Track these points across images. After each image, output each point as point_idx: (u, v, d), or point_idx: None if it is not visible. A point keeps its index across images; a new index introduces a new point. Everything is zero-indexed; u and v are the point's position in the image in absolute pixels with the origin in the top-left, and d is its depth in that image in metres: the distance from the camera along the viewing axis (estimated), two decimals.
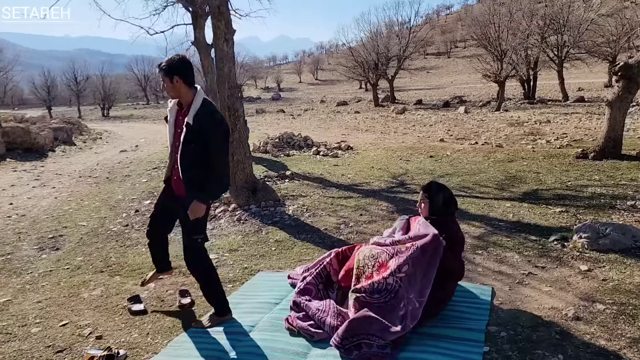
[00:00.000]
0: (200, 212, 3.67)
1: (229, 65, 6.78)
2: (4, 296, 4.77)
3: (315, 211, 6.78)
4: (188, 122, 3.55)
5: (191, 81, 3.58)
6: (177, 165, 3.73)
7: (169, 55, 4.92)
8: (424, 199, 3.93)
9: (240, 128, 7.00)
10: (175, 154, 3.74)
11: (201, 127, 3.51)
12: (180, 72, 3.53)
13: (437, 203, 3.84)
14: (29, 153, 15.02)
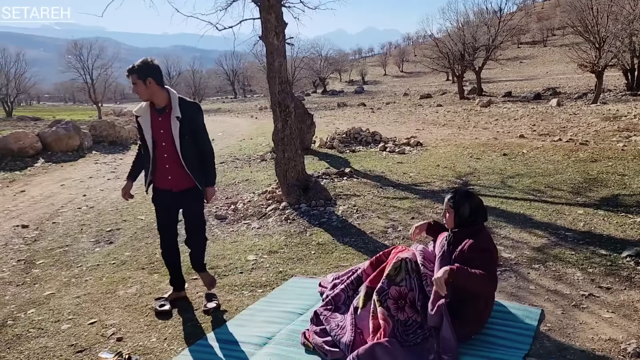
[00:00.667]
0: (214, 195, 4.23)
1: (280, 60, 6.60)
2: (49, 289, 4.92)
3: (365, 212, 6.45)
4: (177, 116, 3.79)
5: (162, 82, 3.80)
6: (169, 165, 3.95)
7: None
8: (448, 208, 3.50)
9: (292, 124, 6.80)
10: (164, 155, 3.93)
11: (187, 114, 3.81)
12: (154, 74, 3.72)
13: (463, 214, 3.42)
14: (113, 146, 15.87)
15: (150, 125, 3.87)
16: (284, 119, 6.75)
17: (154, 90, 3.74)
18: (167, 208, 4.15)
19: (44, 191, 9.79)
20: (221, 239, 6.07)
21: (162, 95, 3.79)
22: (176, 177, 3.98)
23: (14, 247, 6.47)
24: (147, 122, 3.88)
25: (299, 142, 7.00)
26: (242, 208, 7.29)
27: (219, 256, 5.42)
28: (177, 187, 4.02)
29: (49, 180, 10.85)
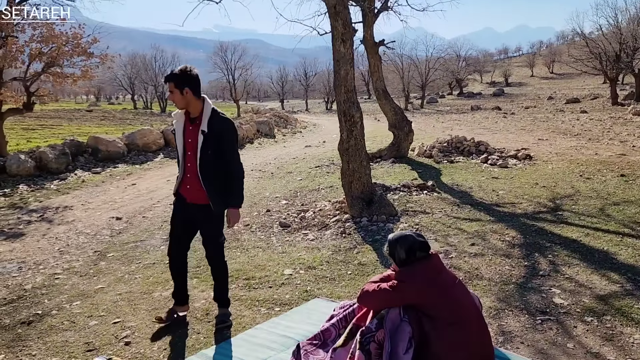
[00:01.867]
0: (238, 219, 4.02)
1: (346, 68, 6.38)
2: (102, 283, 5.29)
3: (424, 233, 5.98)
4: (203, 130, 3.72)
5: (199, 92, 3.74)
6: (190, 175, 3.89)
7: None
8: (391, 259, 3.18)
9: (357, 135, 6.55)
10: (188, 164, 3.88)
11: (215, 130, 3.69)
12: (191, 84, 3.68)
13: (401, 258, 3.10)
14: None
15: (183, 132, 3.89)
16: (349, 129, 6.52)
17: (190, 99, 3.70)
18: (181, 216, 4.10)
19: (150, 185, 10.63)
20: (273, 248, 6.05)
21: (198, 106, 3.74)
22: (193, 189, 3.95)
23: (100, 237, 7.08)
24: (180, 128, 3.90)
25: (365, 153, 6.71)
26: (310, 217, 7.21)
27: (260, 267, 5.39)
28: (191, 198, 3.99)
29: (159, 175, 11.77)
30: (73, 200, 9.45)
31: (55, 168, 11.49)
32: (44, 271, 5.77)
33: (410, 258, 3.10)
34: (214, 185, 3.84)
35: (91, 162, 12.73)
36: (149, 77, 49.07)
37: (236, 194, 3.94)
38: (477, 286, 4.43)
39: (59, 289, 5.19)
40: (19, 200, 9.52)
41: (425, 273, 3.04)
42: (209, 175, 3.83)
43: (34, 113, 34.34)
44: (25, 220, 8.11)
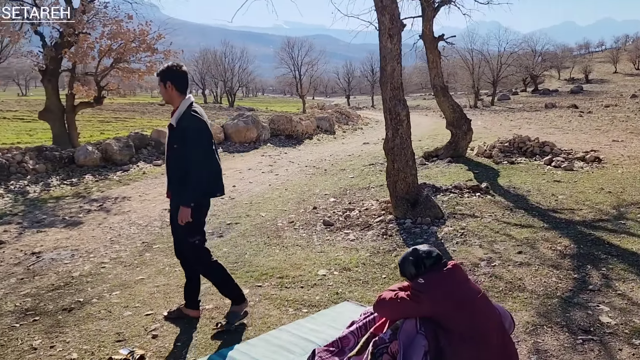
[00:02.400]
0: (185, 217, 3.75)
1: (393, 65, 6.18)
2: (143, 274, 5.43)
3: (469, 238, 5.70)
4: (171, 123, 3.77)
5: (182, 89, 3.80)
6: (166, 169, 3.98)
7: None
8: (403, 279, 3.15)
9: (403, 134, 6.34)
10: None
11: (182, 126, 3.69)
12: (173, 79, 3.75)
13: (411, 273, 3.00)
14: (289, 139, 16.90)
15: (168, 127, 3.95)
16: (394, 127, 6.33)
17: (172, 94, 3.76)
18: (171, 214, 4.09)
19: None
20: (312, 246, 5.98)
21: (177, 102, 3.78)
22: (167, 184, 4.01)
23: (150, 229, 7.30)
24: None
25: (411, 153, 6.49)
26: (355, 216, 7.08)
27: (295, 265, 5.33)
28: (167, 193, 4.04)
29: None
30: (132, 191, 9.83)
31: (119, 159, 12.01)
32: (93, 259, 6.01)
33: (420, 269, 2.97)
34: (174, 180, 3.87)
35: (153, 155, 13.21)
36: (218, 72, 50.48)
37: (188, 191, 3.70)
38: (517, 299, 4.15)
39: (103, 277, 5.38)
40: (83, 189, 10.03)
41: (442, 284, 2.86)
42: (171, 170, 3.88)
43: (110, 106, 36.32)
44: (85, 209, 8.52)
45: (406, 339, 2.82)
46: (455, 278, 2.91)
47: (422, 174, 9.89)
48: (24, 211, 8.41)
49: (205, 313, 4.31)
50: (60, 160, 11.35)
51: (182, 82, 3.80)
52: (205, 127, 3.78)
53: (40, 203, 8.94)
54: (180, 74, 3.78)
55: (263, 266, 5.40)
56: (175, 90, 3.75)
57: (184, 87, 3.80)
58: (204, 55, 53.94)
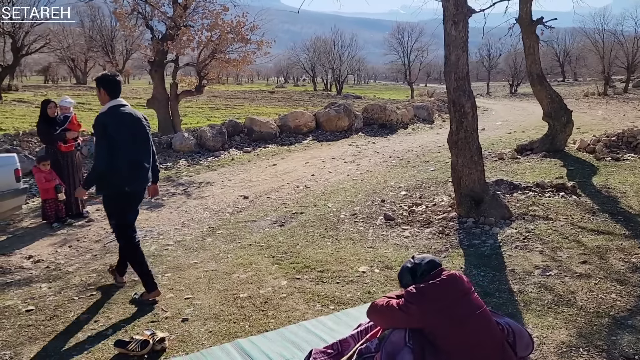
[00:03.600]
0: (79, 194, 4.78)
1: (457, 53, 5.79)
2: (198, 259, 5.68)
3: (531, 243, 5.23)
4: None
5: (112, 93, 4.38)
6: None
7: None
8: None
9: (468, 127, 5.94)
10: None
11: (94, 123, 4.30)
12: (105, 85, 4.36)
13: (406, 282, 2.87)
14: (382, 129, 16.66)
15: None
16: (458, 120, 5.95)
17: (104, 98, 4.38)
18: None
19: (288, 167, 11.09)
20: (364, 241, 5.86)
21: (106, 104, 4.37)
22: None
23: (221, 214, 7.61)
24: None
25: (476, 147, 6.06)
26: (419, 211, 6.83)
27: (340, 260, 5.27)
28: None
29: (301, 158, 12.21)
30: (216, 177, 10.31)
31: (212, 146, 12.64)
32: (161, 241, 6.41)
33: (416, 277, 2.79)
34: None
35: (245, 142, 13.73)
36: (328, 60, 51.01)
37: (87, 177, 4.48)
38: (560, 314, 3.74)
39: (163, 259, 5.71)
40: (174, 173, 10.71)
41: (434, 295, 2.66)
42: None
43: (223, 94, 38.33)
44: (170, 192, 9.09)
45: (391, 350, 2.66)
46: (450, 289, 2.69)
47: (509, 169, 9.26)
48: None
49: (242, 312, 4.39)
50: (160, 146, 12.21)
51: (113, 87, 4.38)
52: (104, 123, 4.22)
53: None
54: (111, 81, 4.38)
55: (309, 258, 5.39)
56: (107, 94, 4.36)
57: (113, 92, 4.38)
58: (314, 43, 54.85)
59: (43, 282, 5.14)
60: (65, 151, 7.24)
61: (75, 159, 7.37)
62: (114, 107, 4.32)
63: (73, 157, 7.34)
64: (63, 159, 7.20)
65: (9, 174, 6.00)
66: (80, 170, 7.52)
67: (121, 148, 4.24)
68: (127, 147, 4.28)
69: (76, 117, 7.41)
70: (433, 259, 2.85)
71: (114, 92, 4.38)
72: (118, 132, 4.22)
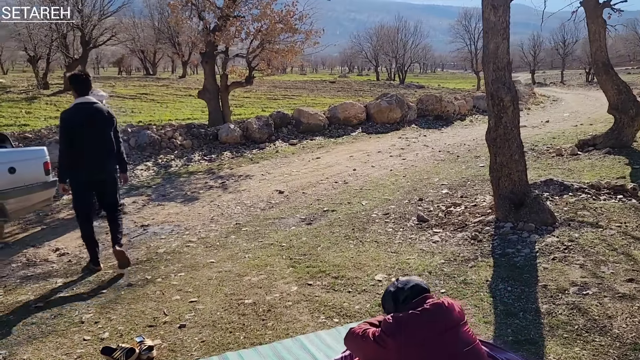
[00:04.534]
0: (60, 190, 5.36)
1: (497, 41, 5.22)
2: (216, 258, 5.51)
3: (572, 254, 4.65)
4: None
5: (81, 91, 4.97)
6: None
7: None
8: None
9: (507, 122, 5.38)
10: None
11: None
12: (75, 83, 5.01)
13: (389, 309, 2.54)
14: (437, 121, 15.97)
15: None
16: (497, 115, 5.40)
17: (74, 95, 4.99)
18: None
19: (331, 160, 10.79)
20: (389, 245, 5.48)
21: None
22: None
23: (252, 210, 7.44)
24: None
25: (517, 145, 5.48)
26: (457, 212, 6.35)
27: (358, 265, 4.93)
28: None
29: (346, 151, 11.86)
30: (257, 170, 10.17)
31: (258, 137, 12.54)
32: (185, 237, 6.31)
33: (397, 306, 2.42)
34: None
35: (292, 134, 13.53)
36: (391, 48, 49.85)
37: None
38: (590, 344, 3.23)
39: (181, 257, 5.59)
40: (216, 166, 10.68)
41: (414, 327, 2.30)
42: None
43: (284, 84, 38.43)
44: (208, 186, 9.04)
45: None
46: (434, 321, 2.31)
47: (566, 167, 8.51)
48: (158, 184, 9.24)
49: (241, 321, 4.17)
50: (206, 137, 12.26)
51: (81, 86, 4.96)
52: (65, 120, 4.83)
53: (175, 177, 9.74)
54: (80, 80, 4.98)
55: (327, 262, 5.09)
56: (75, 92, 4.97)
57: (82, 90, 4.96)
58: (378, 32, 53.86)
59: (60, 277, 5.15)
60: None
61: None
62: (78, 104, 4.92)
63: None
64: None
65: (38, 167, 6.08)
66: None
67: (79, 142, 4.86)
68: (83, 141, 4.87)
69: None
70: (418, 284, 2.47)
71: (82, 90, 4.97)
72: (76, 127, 4.84)
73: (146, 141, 11.18)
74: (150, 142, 11.22)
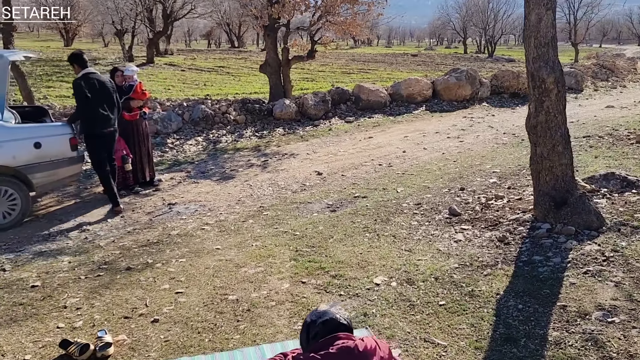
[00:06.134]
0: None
1: (539, 12, 4.42)
2: (225, 243, 5.30)
3: (610, 268, 3.88)
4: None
5: (82, 65, 6.16)
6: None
7: None
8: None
9: (550, 108, 4.59)
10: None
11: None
12: (75, 60, 6.16)
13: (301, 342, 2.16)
14: (513, 98, 14.73)
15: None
16: (538, 99, 4.63)
17: (77, 69, 6.17)
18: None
19: (383, 140, 10.20)
20: (406, 241, 4.95)
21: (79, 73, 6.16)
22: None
23: (283, 192, 7.14)
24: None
25: (561, 134, 4.67)
26: (495, 207, 5.67)
27: (362, 264, 4.48)
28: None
29: (402, 130, 11.18)
30: (304, 148, 9.83)
31: (314, 114, 12.16)
32: (204, 219, 6.14)
33: (309, 342, 1.99)
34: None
35: (351, 111, 13.00)
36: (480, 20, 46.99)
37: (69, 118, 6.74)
38: None
39: (190, 241, 5.42)
40: (265, 143, 10.46)
41: None
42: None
43: (362, 57, 37.53)
44: (249, 164, 8.84)
45: None
46: None
47: None
48: (201, 160, 9.19)
49: (214, 320, 3.91)
50: (260, 113, 12.06)
51: (81, 61, 6.15)
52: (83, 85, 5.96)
53: (220, 153, 9.64)
54: (79, 57, 6.16)
55: (332, 257, 4.69)
56: (79, 66, 6.14)
57: (83, 64, 6.15)
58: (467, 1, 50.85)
59: (68, 255, 5.15)
60: (130, 120, 7.25)
61: (141, 128, 7.37)
62: (86, 74, 6.09)
63: (139, 126, 7.35)
64: (128, 127, 7.23)
65: (64, 142, 6.13)
66: (148, 139, 7.53)
67: (92, 102, 6.03)
68: (96, 101, 6.07)
69: (141, 86, 7.34)
70: (333, 319, 2.03)
71: (83, 64, 6.17)
72: (89, 91, 5.98)
73: (199, 116, 11.18)
74: (204, 117, 11.21)
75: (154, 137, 10.13)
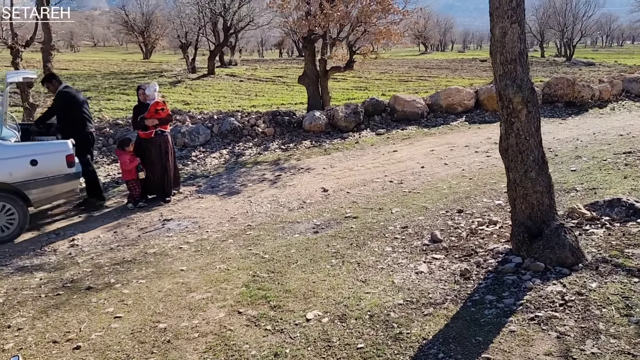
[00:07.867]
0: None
1: (504, 26, 3.97)
2: (191, 265, 5.25)
3: (563, 314, 3.37)
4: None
5: (59, 82, 7.55)
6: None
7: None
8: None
9: (520, 129, 4.11)
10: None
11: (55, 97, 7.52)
12: (53, 79, 7.58)
13: None
14: (568, 108, 13.68)
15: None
16: (507, 119, 4.17)
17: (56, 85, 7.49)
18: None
19: (406, 155, 9.79)
20: (368, 270, 4.64)
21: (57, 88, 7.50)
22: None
23: (279, 211, 7.01)
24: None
25: (534, 159, 4.17)
26: (483, 233, 5.21)
27: (307, 295, 4.24)
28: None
29: (431, 144, 10.68)
30: (323, 163, 9.62)
31: (344, 126, 11.91)
32: (188, 237, 6.14)
33: None
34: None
35: (385, 122, 12.62)
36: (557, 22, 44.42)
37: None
38: None
39: (160, 260, 5.43)
40: (287, 156, 10.37)
41: None
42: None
43: (427, 64, 36.66)
44: (261, 178, 8.78)
45: None
46: None
47: None
48: (217, 174, 9.25)
49: (132, 351, 3.83)
50: (290, 125, 12.00)
51: (57, 79, 7.58)
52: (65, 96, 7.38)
53: (238, 167, 9.66)
54: (55, 76, 7.64)
55: (282, 286, 4.49)
56: (57, 82, 7.50)
57: (58, 80, 7.55)
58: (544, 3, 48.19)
59: (44, 272, 5.32)
60: (144, 137, 7.46)
61: (160, 145, 7.51)
62: (65, 87, 7.49)
63: (154, 144, 7.48)
64: (143, 145, 7.48)
65: (60, 159, 6.36)
66: (168, 154, 7.61)
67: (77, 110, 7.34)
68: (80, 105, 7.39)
69: (156, 105, 7.40)
70: None
71: (59, 80, 7.57)
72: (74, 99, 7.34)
73: (228, 128, 11.29)
74: (232, 130, 11.31)
75: (180, 150, 10.35)
